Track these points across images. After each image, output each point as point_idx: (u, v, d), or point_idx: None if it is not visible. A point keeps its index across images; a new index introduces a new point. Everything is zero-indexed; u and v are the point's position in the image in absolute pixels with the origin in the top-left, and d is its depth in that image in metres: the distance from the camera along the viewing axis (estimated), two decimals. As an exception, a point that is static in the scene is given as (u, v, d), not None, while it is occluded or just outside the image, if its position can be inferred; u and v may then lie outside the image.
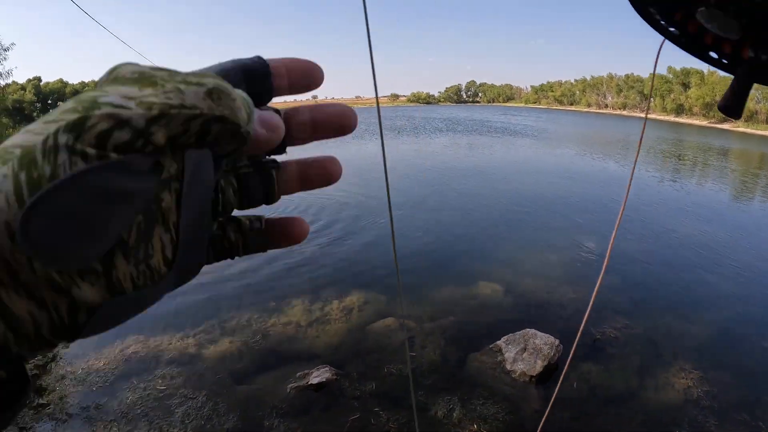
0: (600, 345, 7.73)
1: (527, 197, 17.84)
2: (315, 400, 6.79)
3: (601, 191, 18.77)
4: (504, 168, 25.99)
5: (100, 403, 7.35)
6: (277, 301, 10.26)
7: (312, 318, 9.33)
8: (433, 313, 9.09)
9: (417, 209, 16.56)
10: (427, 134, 49.23)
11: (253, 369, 7.85)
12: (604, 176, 22.80)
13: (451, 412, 6.19)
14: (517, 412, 6.17)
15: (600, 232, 13.45)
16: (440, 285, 10.39)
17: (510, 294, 9.75)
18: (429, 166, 26.88)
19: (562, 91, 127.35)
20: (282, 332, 8.92)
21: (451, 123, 67.47)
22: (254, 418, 6.60)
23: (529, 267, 11.15)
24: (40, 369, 8.53)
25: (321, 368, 7.36)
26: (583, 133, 48.71)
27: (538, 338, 7.29)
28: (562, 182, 20.80)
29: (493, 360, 7.29)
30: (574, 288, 9.86)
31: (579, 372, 6.98)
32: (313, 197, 19.65)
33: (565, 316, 8.74)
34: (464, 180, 22.11)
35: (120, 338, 9.23)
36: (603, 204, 16.60)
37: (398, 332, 8.45)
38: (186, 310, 10.25)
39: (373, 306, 9.62)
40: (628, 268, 10.93)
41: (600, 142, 39.93)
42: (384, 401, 6.57)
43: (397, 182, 22.21)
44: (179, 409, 6.97)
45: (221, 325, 9.42)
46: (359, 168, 27.04)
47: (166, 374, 7.89)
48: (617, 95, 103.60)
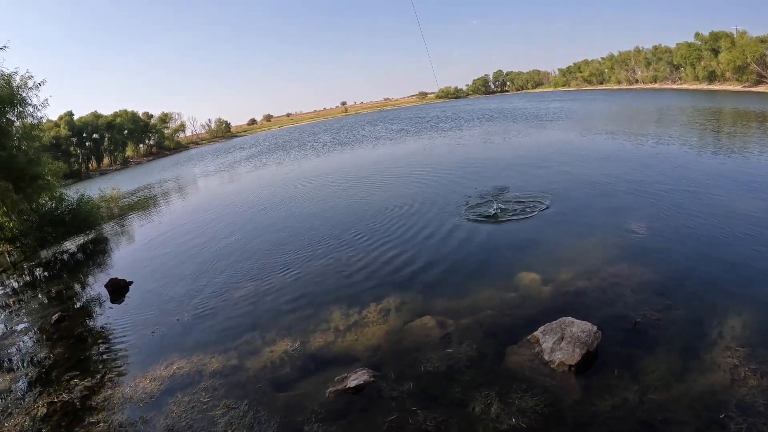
0: (641, 328, 7.50)
1: (559, 183, 17.46)
2: (353, 402, 6.88)
3: (636, 169, 18.13)
4: (535, 153, 25.44)
5: (146, 417, 7.65)
6: (314, 308, 10.45)
7: (350, 322, 9.45)
8: (471, 307, 9.05)
9: (447, 210, 16.57)
10: (460, 128, 48.88)
11: (293, 376, 8.01)
12: (637, 154, 21.98)
13: (489, 407, 6.16)
14: (557, 404, 6.07)
15: (639, 213, 12.99)
16: (479, 279, 10.35)
17: (548, 283, 9.55)
18: (459, 156, 26.79)
19: (590, 71, 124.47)
20: (320, 338, 9.06)
21: (480, 114, 66.71)
22: (294, 423, 6.73)
23: (567, 254, 10.91)
24: (89, 390, 8.89)
25: (359, 371, 7.45)
26: (612, 111, 47.42)
27: (575, 326, 7.15)
28: (594, 164, 20.23)
29: (531, 351, 7.21)
30: (614, 272, 9.57)
31: (619, 358, 6.80)
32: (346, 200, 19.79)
33: (604, 301, 8.51)
34: (494, 167, 21.84)
35: (164, 356, 9.58)
36: (640, 183, 15.97)
37: (435, 330, 8.46)
38: (226, 324, 10.59)
39: (409, 306, 9.67)
40: (668, 247, 10.56)
41: (631, 118, 38.76)
42: (421, 400, 6.59)
43: (420, 176, 22.23)
44: (222, 419, 7.18)
45: (261, 336, 9.65)
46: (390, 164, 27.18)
47: (209, 386, 8.14)
48: (646, 69, 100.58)
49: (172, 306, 12.36)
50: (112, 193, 37.84)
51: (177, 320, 11.31)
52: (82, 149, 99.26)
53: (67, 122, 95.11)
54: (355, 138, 58.66)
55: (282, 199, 24.97)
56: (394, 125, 71.04)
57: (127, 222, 28.45)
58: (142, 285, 14.69)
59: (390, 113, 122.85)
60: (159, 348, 10.07)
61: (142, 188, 46.94)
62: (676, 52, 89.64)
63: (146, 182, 53.19)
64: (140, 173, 73.26)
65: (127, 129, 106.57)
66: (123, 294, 14.20)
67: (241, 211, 24.09)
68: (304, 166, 39.18)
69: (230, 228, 20.40)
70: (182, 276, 14.72)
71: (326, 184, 27.17)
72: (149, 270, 16.30)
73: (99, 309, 13.52)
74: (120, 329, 11.60)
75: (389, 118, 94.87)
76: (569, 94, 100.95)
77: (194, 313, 11.52)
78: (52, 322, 12.85)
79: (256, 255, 15.45)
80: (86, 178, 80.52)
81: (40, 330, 12.75)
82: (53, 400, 8.75)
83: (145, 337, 10.76)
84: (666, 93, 71.11)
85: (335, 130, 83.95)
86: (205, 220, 23.75)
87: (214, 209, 26.51)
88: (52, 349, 11.30)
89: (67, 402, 8.62)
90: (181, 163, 78.93)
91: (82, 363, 10.24)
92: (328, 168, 35.16)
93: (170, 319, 11.44)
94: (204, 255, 16.78)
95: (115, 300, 13.91)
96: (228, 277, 13.78)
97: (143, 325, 11.44)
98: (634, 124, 32.81)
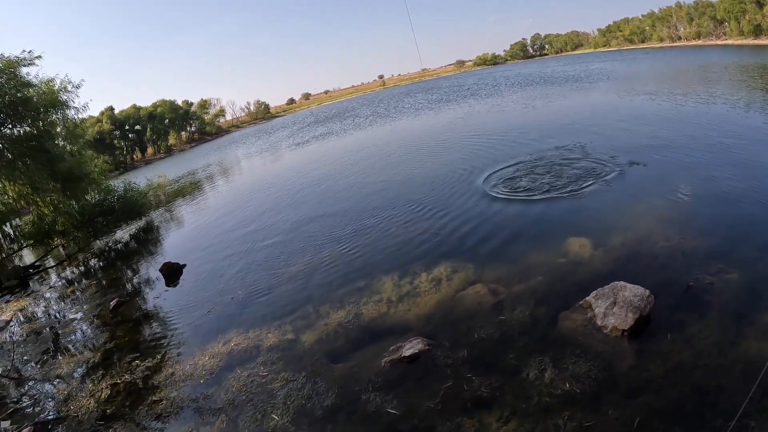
0: (694, 292, 7.30)
1: (603, 146, 16.89)
2: (409, 371, 7.03)
3: (682, 131, 17.37)
4: (577, 117, 24.58)
5: (207, 393, 8.03)
6: (366, 280, 10.64)
7: (402, 292, 9.60)
8: (522, 274, 9.04)
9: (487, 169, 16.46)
10: (499, 94, 47.90)
11: (348, 347, 8.23)
12: (683, 114, 20.99)
13: (543, 373, 6.20)
14: (610, 369, 6.05)
15: (689, 174, 12.52)
16: (528, 246, 10.28)
17: (599, 248, 9.41)
18: (501, 122, 26.29)
19: (631, 29, 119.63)
20: (373, 309, 9.24)
21: (519, 79, 65.13)
22: (351, 393, 6.94)
23: (617, 218, 10.68)
24: (150, 370, 9.34)
25: (413, 340, 7.59)
26: (655, 70, 45.41)
27: (627, 290, 7.05)
28: (639, 126, 19.37)
29: (583, 317, 7.17)
30: (665, 235, 9.32)
31: (673, 322, 6.69)
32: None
33: (656, 265, 8.34)
34: (537, 134, 21.14)
35: (221, 334, 9.97)
36: (688, 145, 15.25)
37: (487, 297, 8.51)
38: (280, 300, 10.92)
39: (460, 274, 9.72)
40: (719, 209, 10.19)
41: (674, 77, 37.14)
42: (476, 367, 6.69)
43: (466, 144, 22.03)
44: (281, 391, 7.46)
45: (315, 309, 9.91)
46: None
47: (266, 361, 8.45)
48: (689, 25, 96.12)
49: (225, 285, 12.79)
50: (159, 180, 38.98)
51: (232, 299, 11.71)
52: (125, 141, 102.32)
53: (108, 117, 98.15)
54: (395, 110, 58.36)
55: (326, 175, 25.22)
56: (433, 95, 70.27)
57: (175, 207, 29.32)
58: (195, 267, 15.21)
59: (428, 83, 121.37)
60: (216, 326, 10.47)
61: (187, 174, 48.05)
62: (718, 6, 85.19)
63: (190, 168, 54.40)
64: (184, 160, 74.91)
65: (167, 118, 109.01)
66: (177, 277, 14.74)
67: (287, 188, 24.53)
68: (346, 141, 39.34)
69: (276, 206, 20.85)
70: (233, 255, 15.19)
71: (369, 157, 27.37)
72: (201, 252, 16.87)
73: (155, 292, 14.08)
74: (177, 310, 12.09)
75: (427, 89, 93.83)
76: (610, 54, 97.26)
77: (248, 291, 11.89)
78: (110, 308, 13.47)
79: (303, 230, 15.78)
80: (132, 168, 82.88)
81: (99, 316, 13.39)
82: (116, 382, 9.23)
83: (201, 317, 11.20)
84: (710, 49, 67.87)
85: (374, 104, 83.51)
86: (251, 200, 24.30)
87: (260, 189, 27.06)
88: (112, 333, 11.88)
89: (129, 383, 9.07)
90: (223, 146, 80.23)
91: (141, 345, 10.76)
92: (369, 141, 35.32)
93: (225, 298, 11.86)
94: (253, 234, 17.25)
95: (170, 283, 14.46)
96: (278, 253, 14.15)
97: (199, 305, 11.89)
98: (679, 84, 31.52)
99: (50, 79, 21.15)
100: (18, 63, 19.42)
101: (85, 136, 27.10)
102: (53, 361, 11.20)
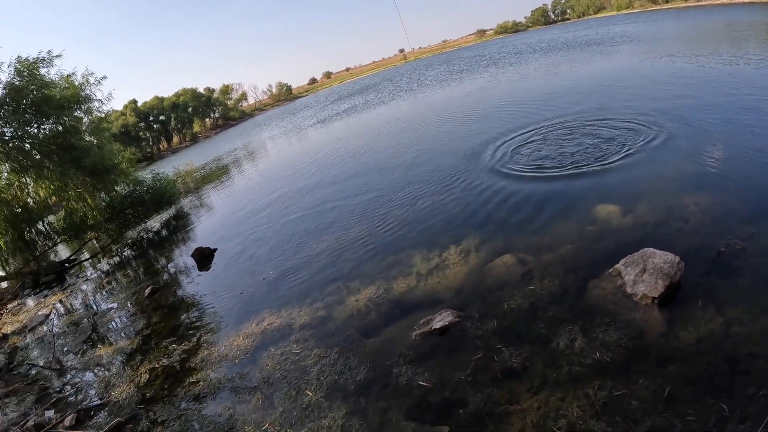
0: (725, 258, 7.08)
1: (627, 110, 16.34)
2: (440, 343, 7.11)
3: (710, 93, 16.70)
4: (603, 81, 23.89)
5: (243, 373, 8.27)
6: (394, 254, 10.73)
7: (431, 266, 9.64)
8: (550, 243, 8.97)
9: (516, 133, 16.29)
10: (522, 61, 46.98)
11: (379, 322, 8.36)
12: (711, 75, 20.06)
13: (573, 342, 6.19)
14: (641, 337, 5.99)
15: (718, 138, 12.07)
16: (556, 214, 10.18)
17: (627, 214, 9.24)
18: (524, 90, 25.62)
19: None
20: (403, 283, 9.33)
21: (541, 46, 63.79)
22: (383, 367, 7.06)
23: (645, 183, 10.42)
24: (186, 353, 9.64)
25: (443, 312, 7.66)
26: (680, 31, 43.58)
27: (657, 257, 6.93)
28: (665, 88, 18.66)
29: (613, 285, 7.10)
30: (695, 200, 9.07)
31: (704, 289, 6.53)
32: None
33: (686, 230, 8.16)
34: (561, 101, 20.48)
35: (254, 314, 10.21)
36: (716, 107, 14.57)
37: (515, 267, 8.50)
38: (311, 278, 11.10)
39: (488, 245, 9.72)
40: (751, 173, 9.76)
41: (701, 37, 35.71)
42: (506, 338, 6.72)
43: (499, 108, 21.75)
44: (314, 368, 7.64)
45: (345, 286, 10.07)
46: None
47: (299, 338, 8.64)
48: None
49: (256, 266, 13.07)
50: (186, 168, 39.57)
51: (263, 279, 11.96)
52: (150, 132, 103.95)
53: (132, 109, 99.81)
54: (417, 84, 57.61)
55: (351, 152, 25.27)
56: (455, 66, 69.20)
57: (203, 193, 29.82)
58: (225, 251, 15.54)
59: (449, 55, 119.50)
60: (248, 307, 10.72)
61: (213, 160, 48.62)
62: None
63: (216, 154, 54.96)
64: (210, 146, 75.66)
65: (190, 106, 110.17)
66: (209, 261, 15.08)
67: (312, 167, 24.67)
68: (369, 117, 39.21)
69: (302, 185, 21.05)
70: (263, 236, 15.47)
71: (393, 132, 27.26)
72: (231, 235, 17.22)
73: (188, 278, 14.45)
74: (210, 294, 12.40)
75: (449, 60, 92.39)
76: (634, 16, 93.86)
77: (279, 271, 12.12)
78: (145, 296, 13.88)
79: (330, 208, 15.92)
80: (159, 158, 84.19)
81: (135, 304, 13.81)
82: (154, 366, 9.55)
83: (234, 299, 11.47)
84: (736, 7, 65.06)
85: (396, 79, 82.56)
86: (278, 181, 24.57)
87: (286, 169, 27.31)
88: (149, 319, 12.26)
89: (167, 366, 9.38)
90: (247, 130, 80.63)
91: (177, 329, 11.08)
92: (393, 116, 35.04)
93: (256, 279, 12.12)
94: (281, 214, 17.51)
95: (202, 267, 14.81)
96: (306, 232, 14.35)
97: (231, 288, 12.18)
98: (705, 44, 30.39)
99: (70, 74, 21.50)
100: (37, 64, 19.75)
101: (111, 129, 27.55)
102: (92, 350, 11.65)
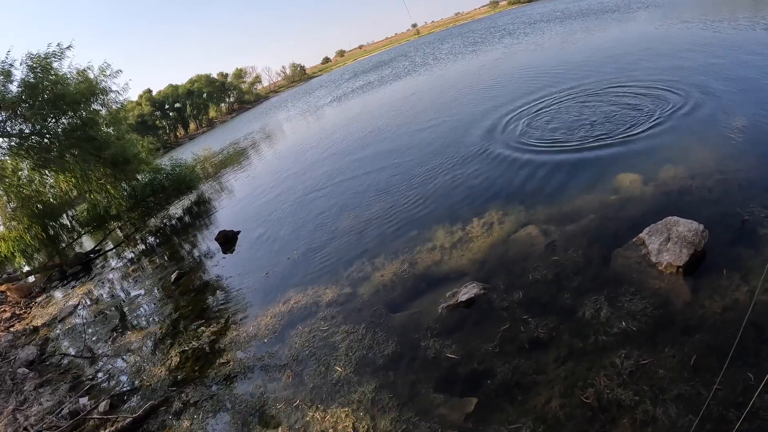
0: (749, 226, 6.98)
1: (646, 77, 15.83)
2: (466, 316, 7.23)
3: (730, 59, 16.01)
4: (620, 49, 23.14)
5: (272, 351, 8.50)
6: (418, 229, 10.79)
7: (455, 239, 9.71)
8: (573, 213, 8.94)
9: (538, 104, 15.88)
10: (538, 31, 45.90)
11: (405, 296, 8.48)
12: (731, 40, 19.14)
13: (599, 312, 6.23)
14: (666, 306, 6.01)
15: (740, 103, 11.69)
16: (578, 184, 10.09)
17: (649, 183, 9.13)
18: (541, 60, 24.81)
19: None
20: (428, 257, 9.42)
21: (556, 15, 62.26)
22: (411, 341, 7.20)
23: (666, 151, 10.21)
24: (215, 334, 9.88)
25: (469, 285, 7.76)
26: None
27: (681, 225, 6.91)
28: (684, 55, 17.87)
29: (637, 254, 7.09)
30: (718, 167, 8.89)
31: (728, 258, 6.48)
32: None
33: (710, 198, 8.05)
34: (578, 71, 19.92)
35: (281, 293, 10.42)
36: (738, 73, 14.05)
37: (539, 238, 8.51)
38: (335, 256, 11.24)
39: (511, 217, 9.73)
40: None
41: (719, 2, 34.40)
42: (531, 308, 6.80)
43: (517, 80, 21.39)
44: (342, 344, 7.82)
45: (370, 262, 10.20)
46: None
47: (326, 315, 8.84)
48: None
49: (281, 246, 13.27)
50: (204, 153, 39.86)
51: (288, 259, 12.15)
52: (167, 120, 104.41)
53: (147, 99, 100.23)
54: (432, 58, 56.74)
55: (369, 129, 25.16)
56: (469, 38, 68.15)
57: (223, 177, 30.09)
58: (249, 233, 15.77)
59: (463, 28, 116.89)
60: (275, 287, 10.92)
61: (230, 144, 48.74)
62: None
63: (233, 138, 55.03)
64: (226, 130, 75.78)
65: (205, 92, 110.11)
66: (233, 243, 15.33)
67: (330, 146, 24.69)
68: (385, 93, 38.81)
69: (321, 165, 21.10)
70: (285, 217, 15.63)
71: (411, 107, 26.99)
72: (253, 217, 17.45)
73: (213, 261, 14.70)
74: (236, 275, 12.64)
75: (462, 33, 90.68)
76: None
77: (303, 250, 12.29)
78: (171, 281, 14.17)
79: (351, 186, 16.01)
80: (177, 146, 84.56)
81: (162, 289, 14.12)
82: (184, 349, 9.83)
83: (260, 279, 11.69)
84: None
85: (410, 54, 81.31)
86: (297, 161, 24.68)
87: (304, 149, 27.36)
88: (176, 304, 12.55)
89: (197, 348, 9.65)
90: (263, 113, 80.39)
91: (205, 312, 11.35)
92: (410, 90, 34.63)
93: (281, 259, 12.31)
94: (302, 193, 17.65)
95: (227, 250, 15.05)
96: (328, 210, 14.47)
97: (257, 269, 12.40)
98: (726, 7, 29.55)
99: (85, 68, 21.50)
100: (48, 58, 19.74)
101: (128, 119, 27.63)
102: (122, 337, 12.02)
